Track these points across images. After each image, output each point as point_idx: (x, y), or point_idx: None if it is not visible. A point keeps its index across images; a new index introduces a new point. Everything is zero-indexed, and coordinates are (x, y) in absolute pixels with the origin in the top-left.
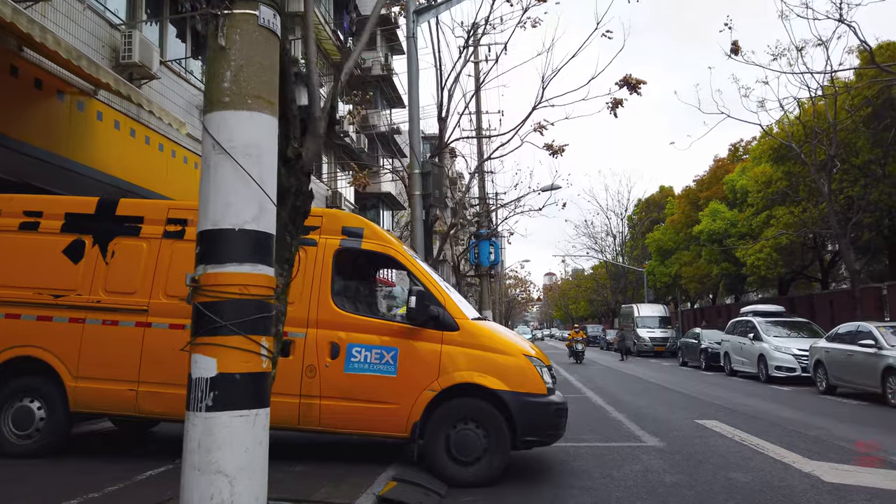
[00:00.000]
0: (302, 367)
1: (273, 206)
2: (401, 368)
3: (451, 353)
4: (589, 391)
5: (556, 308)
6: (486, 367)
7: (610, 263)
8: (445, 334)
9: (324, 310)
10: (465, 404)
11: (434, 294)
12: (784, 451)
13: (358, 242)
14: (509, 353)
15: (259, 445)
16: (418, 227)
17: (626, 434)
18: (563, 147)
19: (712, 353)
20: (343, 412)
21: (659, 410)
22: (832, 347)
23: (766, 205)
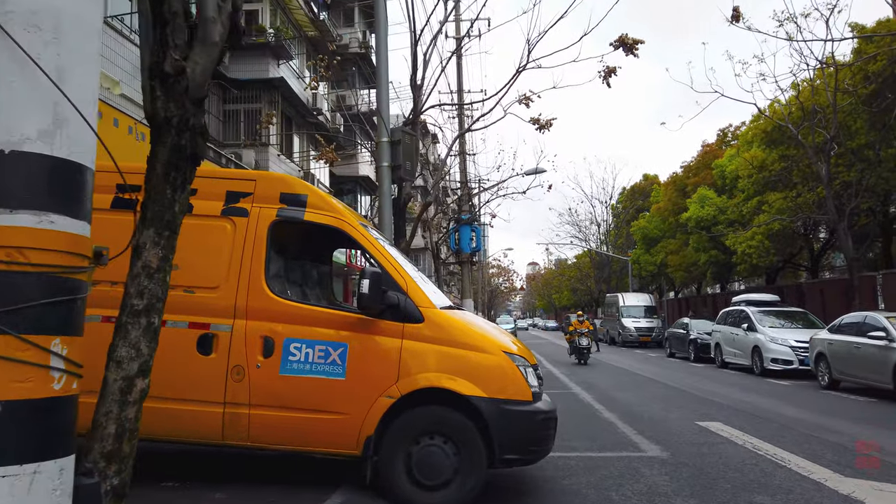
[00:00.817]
0: (227, 368)
1: (85, 120)
2: (351, 369)
3: (415, 351)
4: (575, 386)
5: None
6: (458, 368)
7: (594, 252)
8: (407, 327)
9: (256, 296)
10: (430, 414)
11: (393, 276)
12: (808, 464)
13: (300, 212)
14: (486, 351)
15: None
16: (386, 204)
17: (622, 440)
18: (551, 121)
19: (702, 344)
20: (278, 424)
21: (654, 409)
22: (836, 339)
23: (757, 190)
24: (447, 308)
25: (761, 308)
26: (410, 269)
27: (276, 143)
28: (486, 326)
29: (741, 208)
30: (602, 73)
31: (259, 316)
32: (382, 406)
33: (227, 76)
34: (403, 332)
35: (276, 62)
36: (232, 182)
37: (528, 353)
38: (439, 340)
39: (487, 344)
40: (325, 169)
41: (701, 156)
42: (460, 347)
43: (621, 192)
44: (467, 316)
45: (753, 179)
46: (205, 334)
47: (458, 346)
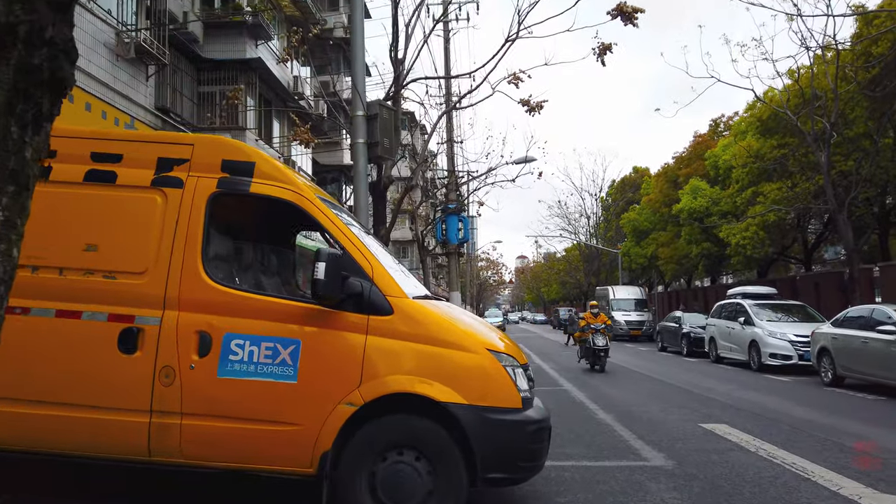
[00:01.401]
0: (154, 370)
1: None
2: (304, 371)
3: (381, 349)
4: (566, 382)
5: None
6: (433, 369)
7: (583, 245)
8: (373, 320)
9: (190, 283)
10: (400, 425)
11: (356, 260)
12: (835, 476)
13: (245, 183)
14: (467, 349)
15: None
16: (361, 185)
17: (621, 446)
18: (542, 103)
19: (695, 338)
20: (216, 437)
21: (652, 409)
22: (841, 334)
23: (752, 181)
24: (421, 298)
25: (758, 301)
26: (380, 253)
27: (253, 128)
28: (468, 320)
29: (735, 199)
30: (597, 49)
31: (194, 307)
32: (342, 415)
33: (202, 55)
34: (368, 326)
35: (254, 42)
36: (164, 147)
37: (517, 351)
38: (411, 336)
39: (469, 340)
40: (308, 156)
41: (693, 146)
42: (436, 345)
43: (611, 184)
44: (445, 307)
45: (748, 170)
46: (128, 328)
47: (433, 343)
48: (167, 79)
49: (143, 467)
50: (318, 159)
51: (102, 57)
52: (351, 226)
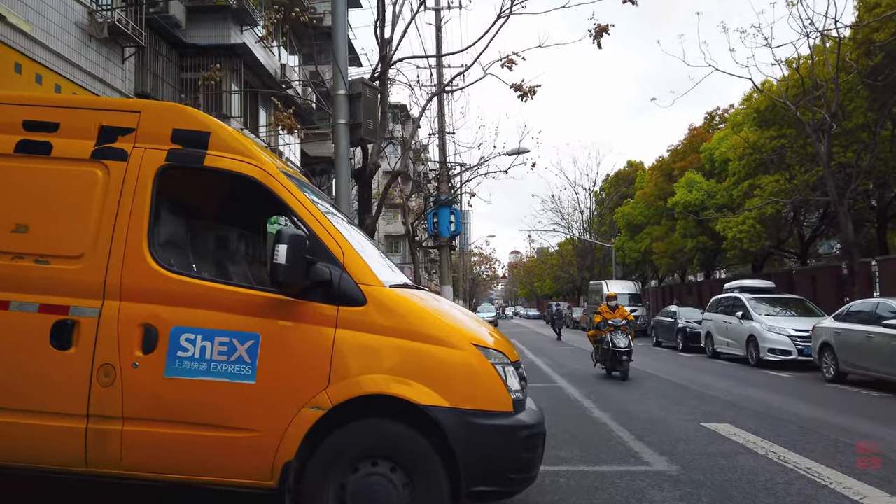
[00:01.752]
0: (92, 368)
1: None
2: (263, 370)
3: (354, 344)
4: (559, 378)
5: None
6: (412, 367)
7: (577, 239)
8: (344, 311)
9: (134, 269)
10: (373, 431)
11: (324, 242)
12: (855, 483)
13: (199, 155)
14: (451, 344)
15: None
16: (342, 169)
17: (620, 449)
18: (535, 88)
19: (691, 332)
20: (163, 445)
21: (651, 408)
22: (844, 328)
23: (748, 173)
24: (400, 287)
25: (756, 295)
26: (354, 237)
27: (238, 115)
28: (452, 311)
29: (731, 192)
30: (593, 31)
31: (138, 296)
32: (307, 420)
33: (184, 41)
34: (338, 318)
35: (239, 28)
36: (107, 114)
37: (509, 347)
38: (387, 330)
39: (453, 335)
40: (297, 147)
41: (688, 139)
42: (416, 339)
43: (605, 178)
44: (428, 297)
45: (745, 162)
46: (62, 321)
47: (412, 338)
48: (147, 63)
49: (82, 478)
50: (307, 150)
51: (73, 36)
52: (325, 209)
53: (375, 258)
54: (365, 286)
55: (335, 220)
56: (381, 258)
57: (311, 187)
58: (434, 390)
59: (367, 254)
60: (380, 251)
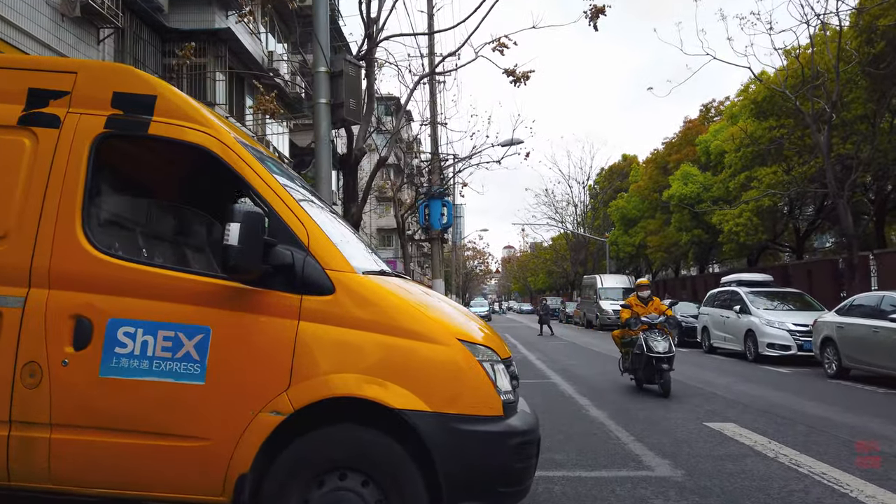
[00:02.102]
0: (14, 367)
1: None
2: (215, 369)
3: (319, 339)
4: (554, 374)
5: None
6: (387, 365)
7: (571, 234)
8: (309, 301)
9: (65, 252)
10: (342, 439)
11: (286, 222)
12: (878, 491)
13: (143, 122)
14: (433, 339)
15: None
16: (324, 152)
17: (619, 451)
18: (528, 73)
19: (686, 327)
20: (97, 456)
21: (649, 405)
22: (847, 322)
23: (745, 165)
24: (376, 274)
25: (754, 289)
26: (323, 218)
27: (223, 103)
28: (437, 303)
29: (727, 184)
30: (588, 12)
31: (70, 283)
32: (265, 426)
33: (167, 25)
34: (301, 308)
35: (224, 12)
36: (38, 76)
37: (499, 343)
38: (359, 322)
39: (435, 328)
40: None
41: (683, 132)
42: (391, 333)
43: (599, 172)
44: (408, 286)
45: (741, 154)
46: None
47: (387, 332)
48: (128, 48)
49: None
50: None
51: (43, 15)
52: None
53: (351, 243)
54: (333, 272)
55: (303, 198)
56: (359, 244)
57: (278, 164)
58: (412, 392)
59: (339, 236)
60: (362, 240)
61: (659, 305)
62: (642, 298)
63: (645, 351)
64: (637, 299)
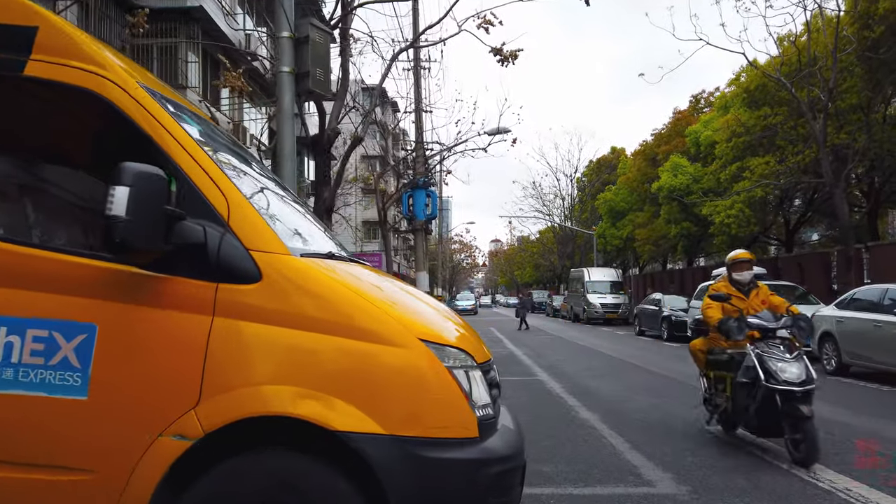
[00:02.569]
0: None
1: None
2: (100, 379)
3: (241, 339)
4: (540, 371)
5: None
6: (329, 375)
7: (558, 227)
8: (227, 290)
9: None
10: (268, 469)
11: (200, 188)
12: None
13: (17, 62)
14: (389, 340)
15: None
16: (285, 128)
17: (614, 461)
18: (516, 53)
19: (676, 321)
20: None
21: (643, 406)
22: (847, 317)
23: (736, 156)
24: (322, 257)
25: None
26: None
27: (196, 86)
28: (397, 294)
29: (718, 175)
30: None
31: None
32: (166, 454)
33: (135, 2)
34: (217, 300)
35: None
36: None
37: (476, 344)
38: (292, 318)
39: (393, 327)
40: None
41: (673, 123)
42: (335, 333)
43: (587, 164)
44: (358, 272)
45: (732, 144)
46: None
47: (330, 331)
48: (92, 27)
49: None
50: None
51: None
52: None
53: (296, 220)
54: (261, 254)
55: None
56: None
57: (207, 126)
58: (361, 409)
59: (274, 210)
60: (318, 223)
61: (770, 297)
62: (740, 285)
63: (762, 380)
64: (732, 288)
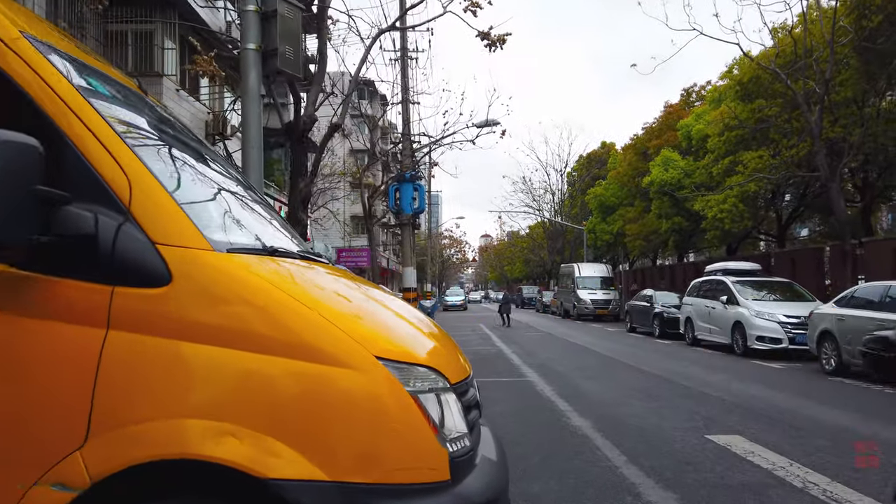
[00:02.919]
0: None
1: None
2: None
3: (142, 360)
4: (529, 370)
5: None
6: (257, 406)
7: (548, 222)
8: (124, 295)
9: None
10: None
11: (90, 161)
12: None
13: None
14: (336, 359)
15: None
16: (251, 110)
17: (610, 477)
18: (504, 37)
19: (668, 318)
20: None
21: (638, 411)
22: (848, 315)
23: (729, 150)
24: (256, 253)
25: (741, 278)
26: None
27: (172, 74)
28: (355, 299)
29: (710, 170)
30: None
31: None
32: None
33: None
34: (112, 308)
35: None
36: None
37: (452, 358)
38: (212, 332)
39: (341, 343)
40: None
41: (664, 117)
42: (267, 351)
43: (577, 159)
44: (305, 274)
45: (725, 138)
46: None
47: (260, 348)
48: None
49: None
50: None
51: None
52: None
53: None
54: (172, 249)
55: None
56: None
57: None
58: (299, 449)
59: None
60: (269, 213)
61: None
62: None
63: None
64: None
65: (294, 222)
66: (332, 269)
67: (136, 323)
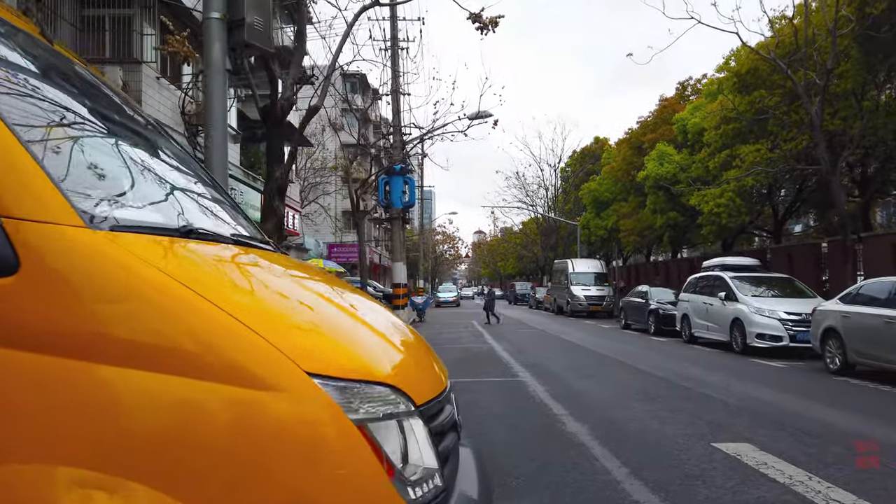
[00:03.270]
0: None
1: None
2: None
3: None
4: (522, 370)
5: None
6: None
7: (542, 217)
8: None
9: None
10: None
11: None
12: None
13: None
14: (252, 379)
15: None
16: (215, 86)
17: (611, 494)
18: (496, 19)
19: (664, 314)
20: None
21: (639, 415)
22: (854, 312)
23: (725, 143)
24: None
25: (739, 274)
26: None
27: (152, 61)
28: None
29: (707, 164)
30: None
31: None
32: None
33: None
34: None
35: None
36: None
37: (421, 370)
38: (77, 340)
39: (259, 354)
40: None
41: (659, 111)
42: (156, 368)
43: (571, 154)
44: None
45: (721, 131)
46: None
47: (146, 364)
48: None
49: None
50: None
51: None
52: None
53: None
54: (23, 224)
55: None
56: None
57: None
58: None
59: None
60: (235, 207)
61: None
62: None
63: None
64: None
65: (269, 212)
66: (280, 258)
67: None
